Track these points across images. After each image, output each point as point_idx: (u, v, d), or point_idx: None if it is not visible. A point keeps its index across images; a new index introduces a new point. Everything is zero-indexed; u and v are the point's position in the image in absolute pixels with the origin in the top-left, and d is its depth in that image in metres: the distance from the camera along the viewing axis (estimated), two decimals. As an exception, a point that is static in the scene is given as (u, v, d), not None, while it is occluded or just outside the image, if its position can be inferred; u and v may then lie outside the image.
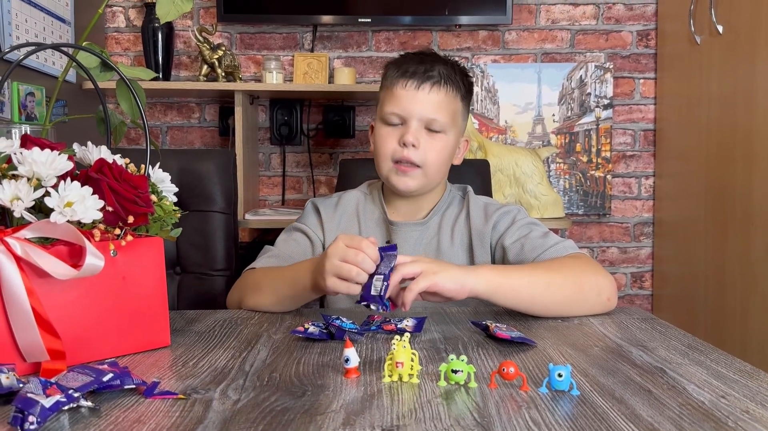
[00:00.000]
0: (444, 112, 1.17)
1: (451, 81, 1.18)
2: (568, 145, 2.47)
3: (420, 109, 1.16)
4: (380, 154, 1.19)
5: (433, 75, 1.16)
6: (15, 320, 0.71)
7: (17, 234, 0.71)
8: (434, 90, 1.16)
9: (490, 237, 1.20)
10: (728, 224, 1.96)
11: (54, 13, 1.98)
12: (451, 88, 1.18)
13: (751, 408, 0.63)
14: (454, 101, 1.19)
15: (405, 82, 1.16)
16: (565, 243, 1.12)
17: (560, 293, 1.01)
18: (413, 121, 1.16)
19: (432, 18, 2.36)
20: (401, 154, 1.16)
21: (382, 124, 1.20)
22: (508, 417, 0.61)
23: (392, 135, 1.18)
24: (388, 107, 1.18)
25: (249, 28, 2.44)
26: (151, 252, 0.84)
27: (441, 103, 1.17)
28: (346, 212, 1.27)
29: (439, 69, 1.17)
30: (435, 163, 1.18)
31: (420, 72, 1.16)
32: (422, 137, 1.16)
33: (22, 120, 1.75)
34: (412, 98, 1.16)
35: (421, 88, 1.16)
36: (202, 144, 2.49)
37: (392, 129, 1.18)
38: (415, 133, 1.16)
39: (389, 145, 1.18)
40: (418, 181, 1.18)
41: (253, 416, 0.61)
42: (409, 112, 1.16)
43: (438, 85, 1.16)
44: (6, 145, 0.77)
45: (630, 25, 2.47)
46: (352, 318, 0.92)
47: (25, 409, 0.56)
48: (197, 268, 1.47)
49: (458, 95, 1.20)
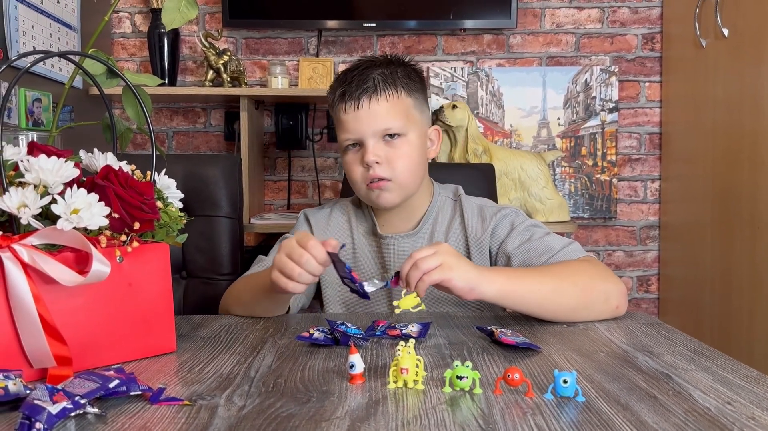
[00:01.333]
0: (393, 117, 1.14)
1: (388, 83, 1.14)
2: (573, 149, 2.47)
3: (368, 126, 1.13)
4: (353, 181, 1.18)
5: (368, 86, 1.13)
6: (22, 326, 0.71)
7: (24, 241, 0.72)
8: (374, 101, 1.13)
9: (489, 244, 1.18)
10: (735, 227, 1.96)
11: (61, 20, 1.99)
12: (390, 90, 1.14)
13: (757, 415, 0.63)
14: (399, 101, 1.15)
15: (343, 105, 1.14)
16: (572, 247, 1.11)
17: (568, 300, 1.00)
18: (368, 139, 1.13)
19: (437, 22, 2.37)
20: (368, 174, 1.14)
21: (345, 152, 1.18)
22: (513, 423, 0.60)
23: (355, 159, 1.16)
24: (341, 135, 1.17)
25: (254, 33, 2.45)
26: (157, 259, 0.84)
27: (386, 110, 1.13)
28: (338, 223, 1.27)
29: (373, 77, 1.13)
30: (405, 170, 1.15)
31: (352, 90, 1.13)
32: (382, 150, 1.13)
33: (29, 126, 1.76)
34: (356, 119, 1.13)
35: (361, 106, 1.13)
36: (208, 149, 2.50)
37: (353, 153, 1.16)
38: (373, 150, 1.13)
39: (357, 170, 1.16)
40: (395, 192, 1.16)
41: (258, 422, 0.61)
42: (360, 132, 1.13)
43: (375, 95, 1.13)
44: (13, 152, 0.78)
45: (635, 28, 2.46)
46: (357, 323, 0.92)
47: (32, 416, 0.57)
48: (203, 273, 1.47)
49: (402, 92, 1.15)
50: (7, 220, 0.75)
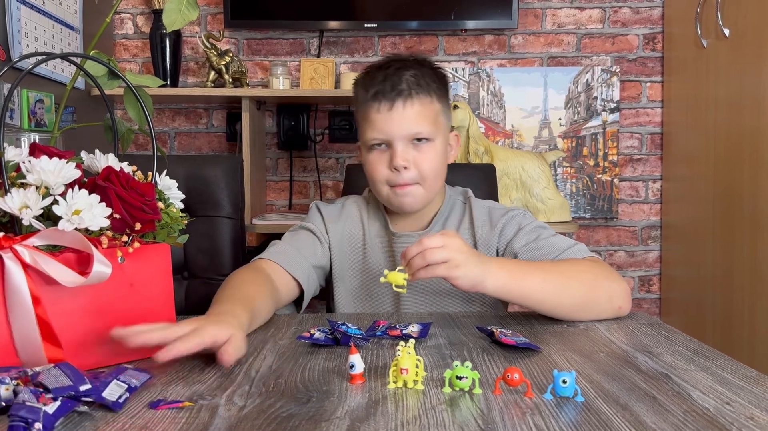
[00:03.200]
0: (424, 121, 1.13)
1: (422, 87, 1.14)
2: (574, 149, 2.47)
3: (400, 128, 1.12)
4: (375, 181, 1.17)
5: (402, 89, 1.12)
6: (17, 327, 0.72)
7: (26, 242, 0.72)
8: (408, 104, 1.12)
9: (497, 245, 1.19)
10: (736, 227, 1.95)
11: (63, 21, 1.99)
12: (423, 94, 1.14)
13: (756, 415, 0.63)
14: (430, 105, 1.15)
15: (377, 105, 1.13)
16: (578, 247, 1.12)
17: (572, 298, 1.01)
18: (397, 142, 1.13)
19: (438, 23, 2.37)
20: (396, 179, 1.14)
21: (368, 150, 1.16)
22: (513, 423, 0.61)
23: (381, 159, 1.15)
24: (368, 134, 1.15)
25: (256, 33, 2.46)
26: (158, 259, 0.85)
27: (418, 113, 1.13)
28: (350, 218, 1.27)
29: (406, 79, 1.13)
30: (431, 174, 1.15)
31: (388, 90, 1.12)
32: (411, 154, 1.13)
33: (32, 127, 1.76)
34: (389, 120, 1.12)
35: (395, 108, 1.12)
36: (210, 149, 2.50)
37: (379, 153, 1.15)
38: (403, 154, 1.12)
39: (381, 171, 1.15)
40: (419, 197, 1.16)
41: (258, 422, 0.61)
42: (390, 134, 1.13)
43: (410, 98, 1.12)
44: (15, 153, 0.78)
45: (636, 28, 2.46)
46: (357, 324, 0.92)
47: (29, 418, 0.57)
48: (204, 273, 1.48)
49: (433, 97, 1.15)
50: (9, 221, 0.75)
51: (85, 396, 0.63)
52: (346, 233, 1.25)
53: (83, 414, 0.63)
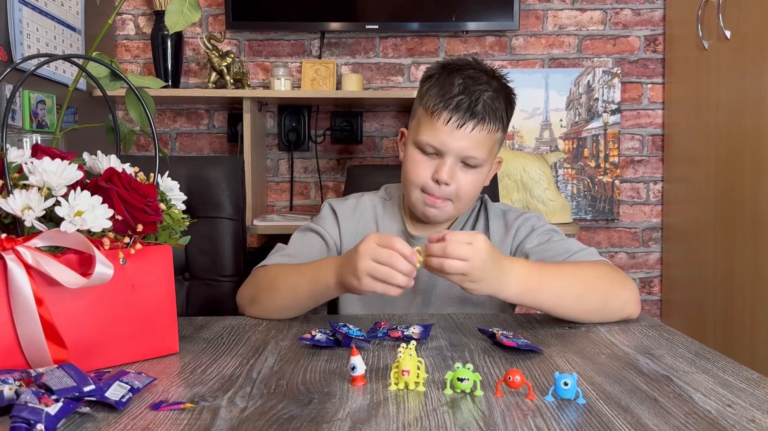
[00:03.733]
0: (483, 148, 1.12)
1: (495, 116, 1.11)
2: (575, 150, 2.47)
3: (459, 147, 1.10)
4: (411, 181, 1.15)
5: (477, 111, 1.09)
6: (22, 328, 0.72)
7: (28, 243, 0.72)
8: (477, 128, 1.09)
9: (511, 246, 1.19)
10: (737, 229, 1.95)
11: (65, 22, 2.00)
12: (493, 123, 1.11)
13: (757, 417, 0.63)
14: (494, 134, 1.13)
15: (448, 116, 1.09)
16: (589, 250, 1.12)
17: (586, 306, 1.02)
18: (450, 157, 1.10)
19: (439, 24, 2.37)
20: (433, 190, 1.12)
21: (416, 148, 1.14)
22: (514, 425, 0.61)
23: (426, 165, 1.12)
24: (425, 136, 1.11)
25: (257, 35, 2.46)
26: (160, 260, 0.85)
27: (481, 140, 1.11)
28: (363, 217, 1.25)
29: (484, 101, 1.10)
30: (467, 197, 1.15)
31: (464, 106, 1.09)
32: (457, 172, 1.12)
33: (33, 128, 1.77)
34: (452, 134, 1.09)
35: (464, 127, 1.09)
36: (211, 150, 2.50)
37: (426, 158, 1.13)
38: (450, 171, 1.10)
39: (422, 175, 1.13)
40: (447, 213, 1.15)
41: (260, 424, 0.61)
42: (448, 147, 1.10)
43: (482, 123, 1.09)
44: (17, 154, 0.78)
45: (637, 30, 2.46)
46: (359, 325, 0.92)
47: (31, 418, 0.57)
48: (206, 274, 1.48)
49: (500, 127, 1.13)
50: (11, 222, 0.75)
51: (88, 396, 0.63)
52: (359, 232, 1.22)
53: (85, 415, 0.63)
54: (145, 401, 0.68)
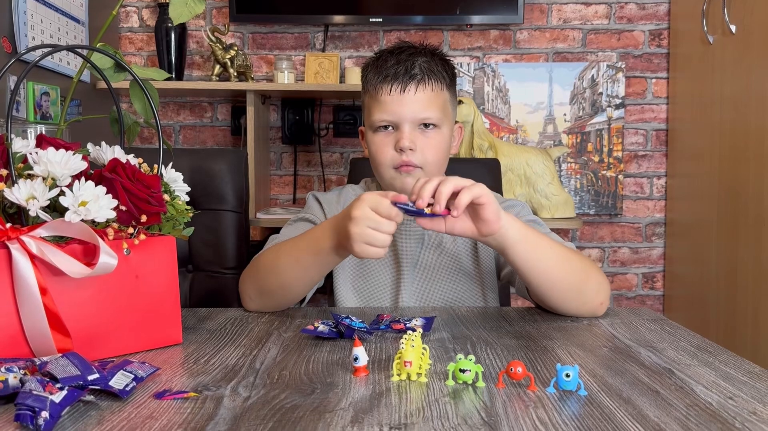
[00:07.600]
0: (434, 108, 1.15)
1: (434, 74, 1.15)
2: (579, 145, 2.46)
3: (410, 111, 1.13)
4: (379, 163, 1.17)
5: (415, 73, 1.14)
6: (27, 317, 0.72)
7: (33, 232, 0.73)
8: (420, 89, 1.14)
9: None
10: (740, 225, 1.95)
11: (69, 14, 2.00)
12: (435, 81, 1.15)
13: (758, 410, 0.63)
14: (440, 93, 1.17)
15: (388, 87, 1.14)
16: (570, 243, 1.12)
17: (571, 273, 1.00)
18: (405, 124, 1.14)
19: (443, 17, 2.37)
20: (400, 159, 1.14)
21: (374, 133, 1.17)
22: (516, 416, 0.61)
23: (387, 141, 1.16)
24: (376, 115, 1.16)
25: (261, 28, 2.46)
26: (163, 251, 0.85)
27: (429, 99, 1.14)
28: (347, 204, 1.26)
29: (419, 64, 1.15)
30: (435, 161, 1.16)
31: (401, 73, 1.14)
32: (417, 138, 1.14)
33: (37, 119, 1.77)
34: (399, 102, 1.13)
35: (407, 91, 1.13)
36: (215, 143, 2.50)
37: (385, 135, 1.16)
38: (410, 136, 1.13)
39: (386, 153, 1.16)
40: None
41: (263, 413, 0.61)
42: (400, 116, 1.14)
43: (423, 83, 1.14)
44: (22, 145, 0.79)
45: (642, 24, 2.46)
46: (361, 317, 0.92)
47: (35, 406, 0.57)
48: (209, 266, 1.48)
49: (443, 85, 1.17)
50: (16, 212, 0.75)
51: (92, 385, 0.64)
52: None
53: (89, 403, 0.64)
54: (148, 390, 0.68)
